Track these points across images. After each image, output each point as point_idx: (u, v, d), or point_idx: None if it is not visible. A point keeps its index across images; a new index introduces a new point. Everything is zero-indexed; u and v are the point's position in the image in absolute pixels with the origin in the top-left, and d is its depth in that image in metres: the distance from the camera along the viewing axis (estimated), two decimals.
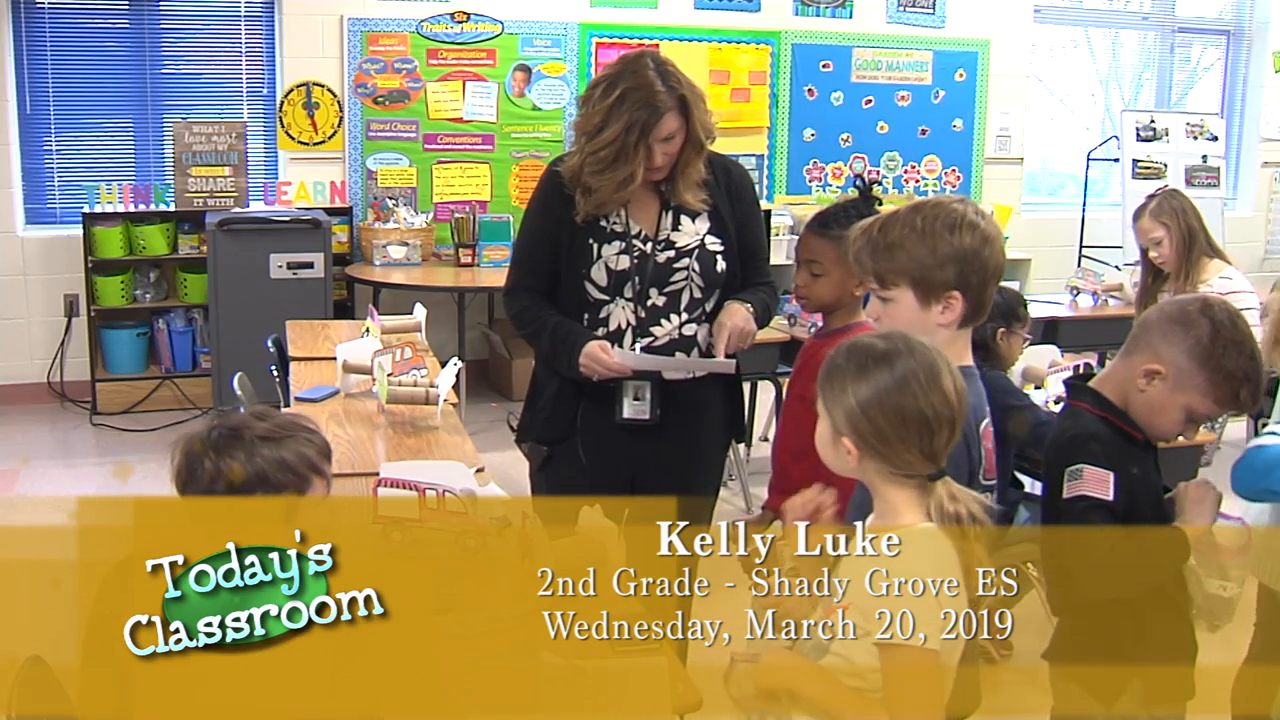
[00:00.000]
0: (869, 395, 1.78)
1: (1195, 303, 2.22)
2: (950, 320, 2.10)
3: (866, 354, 1.82)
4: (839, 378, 1.82)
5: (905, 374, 1.79)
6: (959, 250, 2.07)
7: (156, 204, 6.55)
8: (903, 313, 2.10)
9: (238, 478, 1.90)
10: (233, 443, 1.93)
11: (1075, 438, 2.17)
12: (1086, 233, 8.05)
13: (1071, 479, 2.11)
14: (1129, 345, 2.24)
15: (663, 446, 2.87)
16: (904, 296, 2.10)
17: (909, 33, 7.88)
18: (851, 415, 1.79)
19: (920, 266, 2.08)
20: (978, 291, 2.11)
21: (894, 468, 1.79)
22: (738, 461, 5.32)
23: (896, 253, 2.08)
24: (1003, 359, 3.73)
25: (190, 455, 1.94)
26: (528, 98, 7.14)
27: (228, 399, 5.55)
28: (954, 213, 2.09)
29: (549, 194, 2.87)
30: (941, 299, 2.09)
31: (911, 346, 1.82)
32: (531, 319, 2.89)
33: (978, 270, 2.10)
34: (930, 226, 2.08)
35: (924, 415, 1.77)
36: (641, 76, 2.71)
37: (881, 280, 2.11)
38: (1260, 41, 8.87)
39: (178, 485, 1.94)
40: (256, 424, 1.97)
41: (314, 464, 1.96)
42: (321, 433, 2.04)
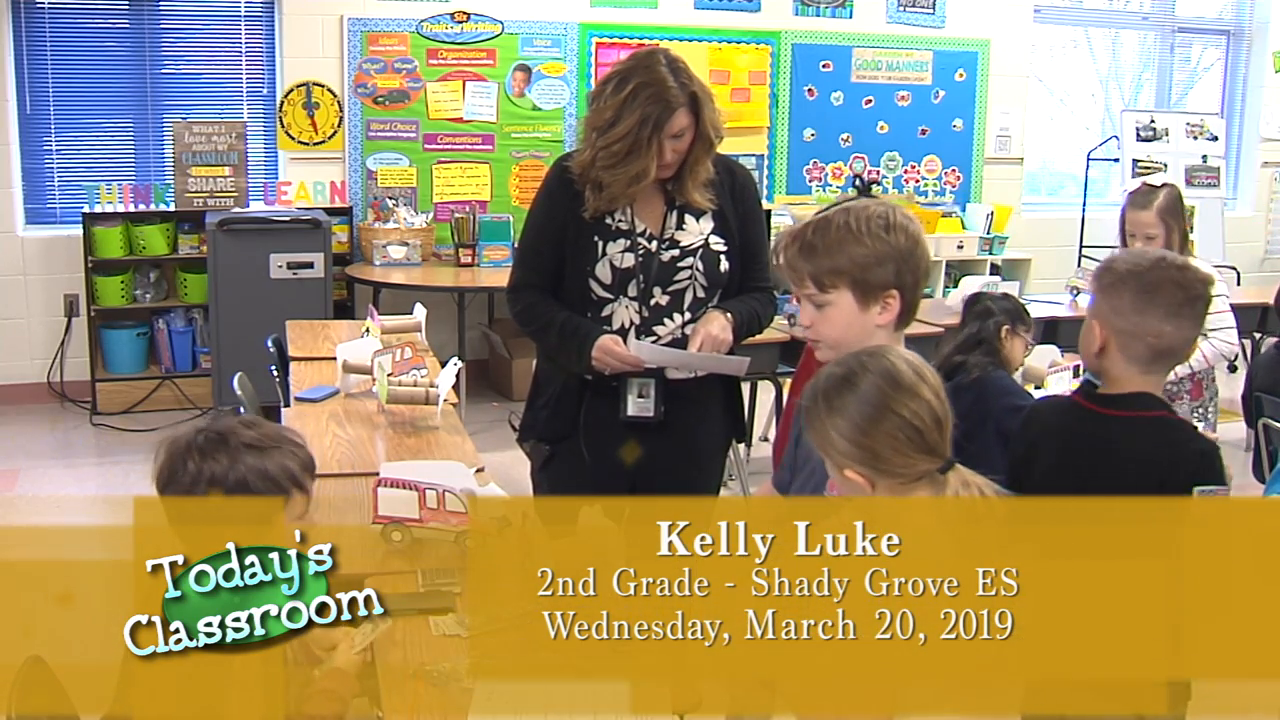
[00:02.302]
0: (848, 425, 1.80)
1: None
2: (888, 320, 2.12)
3: (829, 386, 1.83)
4: (816, 419, 1.84)
5: (870, 390, 1.80)
6: (895, 249, 2.09)
7: (156, 204, 6.55)
8: (841, 315, 2.11)
9: (218, 480, 1.90)
10: (218, 447, 1.93)
11: (1206, 453, 2.17)
12: (1086, 233, 8.04)
13: (1206, 496, 2.09)
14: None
15: (665, 445, 2.87)
16: (843, 299, 2.11)
17: (909, 33, 7.88)
18: (843, 449, 1.80)
19: (860, 266, 2.09)
20: (912, 291, 2.13)
21: (906, 478, 1.80)
22: (738, 461, 5.32)
23: (835, 254, 2.09)
24: (1006, 357, 3.72)
25: (174, 456, 1.94)
26: (528, 98, 7.15)
27: (228, 399, 5.55)
28: (885, 214, 2.11)
29: (555, 190, 2.87)
30: (880, 299, 2.10)
31: (863, 362, 1.83)
32: (537, 316, 2.88)
33: (912, 269, 2.12)
34: (866, 227, 2.09)
35: (905, 420, 1.78)
36: (654, 72, 2.71)
37: (820, 283, 2.11)
38: (1260, 41, 8.87)
39: (158, 484, 1.93)
40: (244, 431, 1.97)
41: (295, 477, 1.96)
42: (308, 448, 2.03)
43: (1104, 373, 2.26)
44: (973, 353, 3.65)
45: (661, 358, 2.82)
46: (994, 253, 7.87)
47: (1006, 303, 3.81)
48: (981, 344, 3.70)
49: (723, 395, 3.00)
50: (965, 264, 7.80)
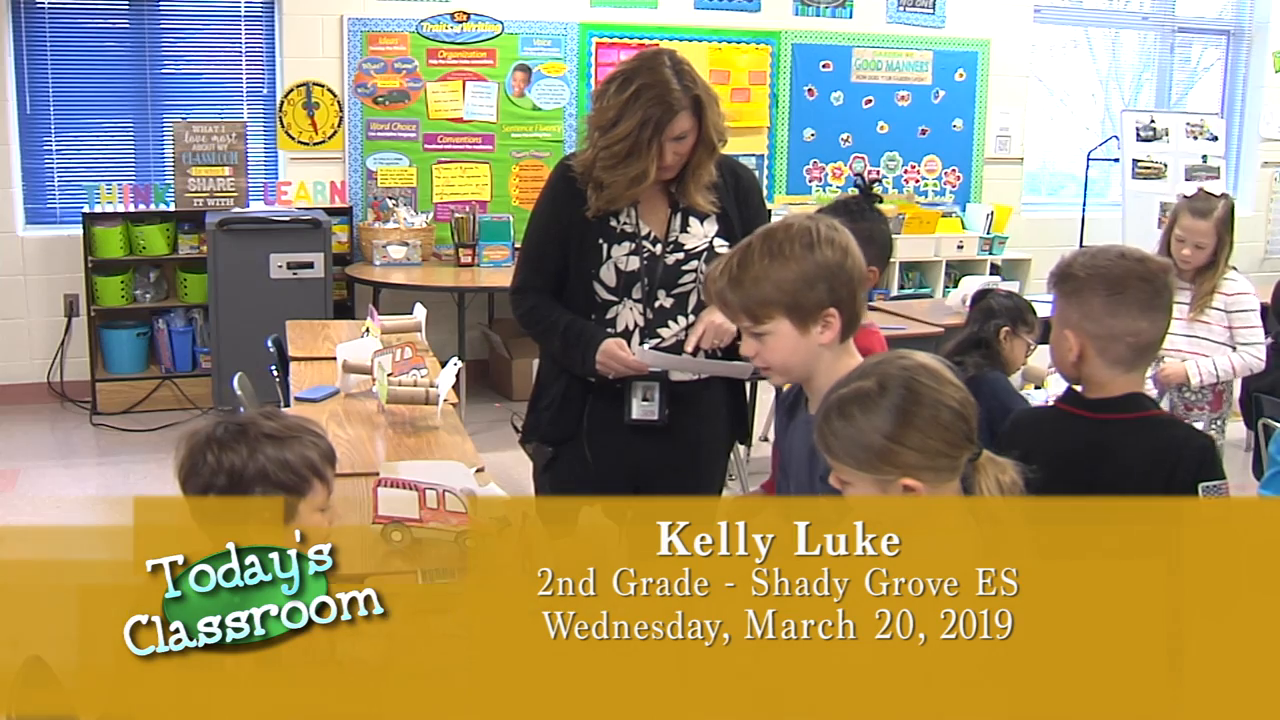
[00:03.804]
0: (891, 427, 1.74)
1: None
2: (831, 338, 2.04)
3: (859, 397, 1.77)
4: (848, 432, 1.76)
5: (906, 385, 1.76)
6: (823, 266, 2.01)
7: (156, 204, 6.55)
8: (783, 343, 2.05)
9: (238, 472, 1.91)
10: (237, 438, 1.94)
11: (1205, 449, 2.14)
12: (1086, 233, 8.04)
13: (1211, 494, 2.06)
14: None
15: (668, 447, 2.87)
16: (780, 326, 2.04)
17: (909, 33, 7.89)
18: (889, 453, 1.74)
19: (790, 291, 2.01)
20: (850, 303, 2.05)
21: (952, 473, 1.77)
22: (738, 461, 5.32)
23: (762, 283, 2.02)
24: (1005, 360, 3.71)
25: (193, 450, 1.95)
26: (528, 98, 7.15)
27: (228, 399, 5.55)
28: (807, 230, 2.03)
29: (559, 191, 2.86)
30: (819, 319, 2.03)
31: (882, 365, 1.80)
32: (541, 318, 2.88)
33: (845, 282, 2.04)
34: (789, 249, 2.01)
35: (954, 409, 1.76)
36: (658, 73, 2.70)
37: (753, 315, 2.04)
38: (1260, 41, 8.87)
39: (179, 478, 1.94)
40: (264, 422, 1.98)
41: (316, 467, 1.97)
42: (328, 439, 2.04)
43: (1086, 379, 2.22)
44: (971, 354, 3.65)
45: (667, 362, 2.82)
46: (994, 253, 7.88)
47: (1011, 302, 3.80)
48: (980, 345, 3.70)
49: (727, 397, 2.99)
50: (965, 264, 7.81)
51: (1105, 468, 2.17)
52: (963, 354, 3.63)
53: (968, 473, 1.79)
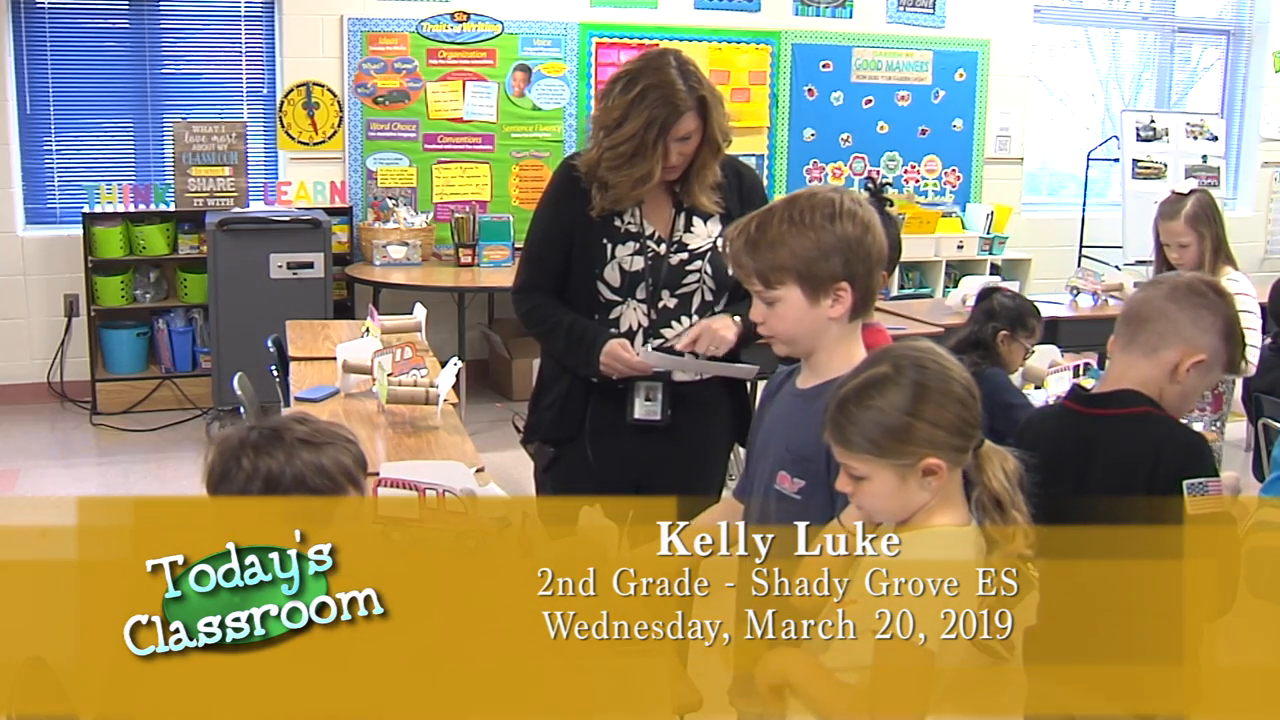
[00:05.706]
0: (910, 403, 1.74)
1: (1203, 284, 2.22)
2: (841, 313, 2.03)
3: (875, 382, 1.77)
4: (867, 416, 1.75)
5: (917, 363, 1.76)
6: (842, 239, 2.00)
7: (156, 204, 6.55)
8: (791, 311, 2.04)
9: (274, 476, 1.85)
10: (273, 443, 1.88)
11: (1191, 445, 2.13)
12: (1086, 233, 8.05)
13: (1196, 492, 2.04)
14: (1149, 340, 2.20)
15: (670, 447, 2.87)
16: (791, 294, 2.03)
17: (909, 33, 7.88)
18: (910, 430, 1.73)
19: (804, 260, 2.00)
20: (864, 280, 2.04)
21: (965, 455, 1.76)
22: (738, 461, 5.31)
23: (778, 249, 2.01)
24: (1003, 361, 3.72)
25: (225, 455, 1.88)
26: (528, 98, 7.14)
27: (228, 399, 5.55)
28: (830, 202, 2.02)
29: (562, 191, 2.85)
30: (830, 292, 2.02)
31: (890, 351, 1.80)
32: (543, 318, 2.87)
33: (862, 259, 2.02)
34: (809, 218, 2.00)
35: (961, 383, 1.77)
36: (663, 74, 2.70)
37: (766, 280, 2.04)
38: (1260, 41, 8.87)
39: (210, 483, 1.88)
40: (297, 427, 1.92)
41: (350, 473, 1.91)
42: (360, 444, 2.00)
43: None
44: (969, 353, 3.65)
45: (671, 363, 2.81)
46: (994, 253, 7.87)
47: (1013, 304, 3.80)
48: (978, 345, 3.70)
49: (729, 398, 2.99)
50: (965, 264, 7.80)
51: (1090, 463, 2.17)
52: (960, 353, 3.63)
53: (972, 462, 1.79)
